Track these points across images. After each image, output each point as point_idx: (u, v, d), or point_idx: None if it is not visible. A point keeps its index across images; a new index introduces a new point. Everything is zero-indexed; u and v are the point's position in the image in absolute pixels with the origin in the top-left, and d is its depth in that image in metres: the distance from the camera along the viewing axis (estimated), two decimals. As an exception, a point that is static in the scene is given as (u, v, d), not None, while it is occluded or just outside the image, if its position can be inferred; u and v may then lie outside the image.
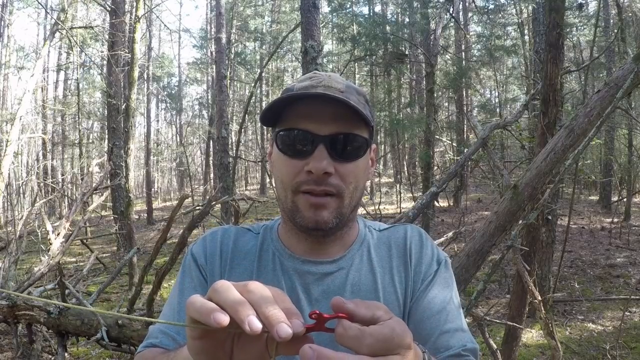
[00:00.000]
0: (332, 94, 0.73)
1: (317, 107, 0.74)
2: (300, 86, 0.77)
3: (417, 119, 10.36)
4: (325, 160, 0.72)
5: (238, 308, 0.44)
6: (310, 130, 0.74)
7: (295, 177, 0.75)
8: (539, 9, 7.76)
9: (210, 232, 0.89)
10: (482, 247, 2.28)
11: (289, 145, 0.76)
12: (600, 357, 4.07)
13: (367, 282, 0.81)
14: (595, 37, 5.02)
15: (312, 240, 0.81)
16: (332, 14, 13.70)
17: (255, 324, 0.42)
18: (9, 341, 3.85)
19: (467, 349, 0.76)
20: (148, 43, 20.91)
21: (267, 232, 0.89)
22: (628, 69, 2.37)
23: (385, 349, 0.45)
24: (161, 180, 30.56)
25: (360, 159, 0.78)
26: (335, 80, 0.79)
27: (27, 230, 4.60)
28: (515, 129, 4.43)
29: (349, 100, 0.73)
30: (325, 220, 0.75)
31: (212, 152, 18.40)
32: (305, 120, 0.75)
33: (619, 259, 7.34)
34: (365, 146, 0.78)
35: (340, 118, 0.74)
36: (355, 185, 0.78)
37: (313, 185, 0.74)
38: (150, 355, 0.72)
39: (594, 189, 15.78)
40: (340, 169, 0.75)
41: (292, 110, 0.76)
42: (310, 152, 0.73)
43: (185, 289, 0.81)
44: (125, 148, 8.47)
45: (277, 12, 21.23)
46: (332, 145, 0.74)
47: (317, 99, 0.74)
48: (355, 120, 0.76)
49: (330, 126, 0.74)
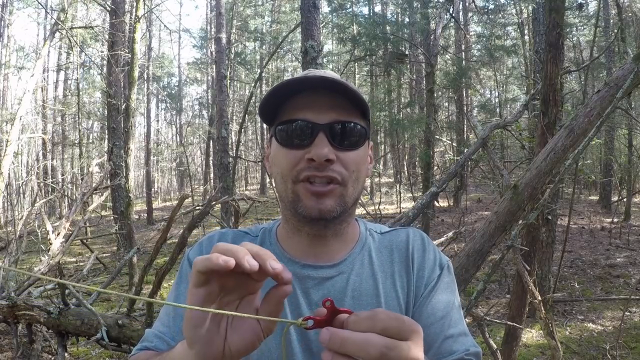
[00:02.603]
0: (332, 77, 0.74)
1: (315, 97, 0.75)
2: (293, 79, 0.77)
3: (417, 119, 10.37)
4: (327, 147, 0.72)
5: (236, 251, 0.49)
6: (310, 120, 0.74)
7: (296, 166, 0.74)
8: (539, 9, 7.77)
9: (206, 236, 0.88)
10: (482, 247, 2.28)
11: (289, 136, 0.75)
12: (600, 357, 4.07)
13: (368, 287, 0.80)
14: (595, 37, 5.02)
15: (313, 234, 0.80)
16: (332, 14, 13.69)
17: (252, 261, 0.48)
18: (9, 341, 3.85)
19: (471, 353, 0.76)
20: (148, 43, 20.93)
21: (265, 235, 0.88)
22: (628, 69, 2.37)
23: (398, 330, 0.46)
24: (161, 180, 30.57)
25: (360, 148, 0.77)
26: (331, 75, 0.80)
27: (27, 230, 4.59)
28: (515, 129, 4.43)
29: (347, 84, 0.73)
30: (329, 209, 0.74)
31: (212, 152, 18.40)
32: (304, 110, 0.75)
33: (619, 259, 7.34)
34: (364, 136, 0.78)
35: (338, 107, 0.75)
36: (357, 175, 0.77)
37: (314, 171, 0.73)
38: (145, 356, 0.72)
39: (594, 189, 15.79)
40: (342, 156, 0.74)
41: (290, 104, 0.76)
42: (311, 141, 0.73)
43: (182, 294, 0.80)
44: (125, 148, 8.47)
45: (277, 12, 21.23)
46: (332, 133, 0.74)
47: (314, 90, 0.75)
48: (353, 109, 0.76)
49: (329, 114, 0.74)
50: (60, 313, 2.82)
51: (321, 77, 0.74)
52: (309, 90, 0.75)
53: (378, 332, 0.46)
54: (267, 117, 0.81)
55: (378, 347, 0.45)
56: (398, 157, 17.87)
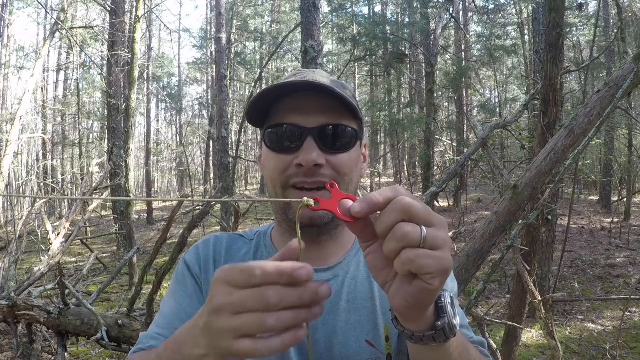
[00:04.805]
0: (319, 81, 0.73)
1: (303, 100, 0.74)
2: (280, 84, 0.76)
3: (417, 119, 10.37)
4: (315, 152, 0.71)
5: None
6: (298, 124, 0.73)
7: (285, 172, 0.74)
8: (539, 9, 7.77)
9: (202, 240, 0.88)
10: (482, 247, 2.28)
11: (277, 141, 0.75)
12: (600, 357, 4.07)
13: (364, 290, 0.80)
14: (595, 37, 5.02)
15: (307, 239, 0.80)
16: (332, 14, 13.70)
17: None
18: (9, 341, 3.85)
19: (474, 341, 0.76)
20: (148, 43, 20.92)
21: (260, 238, 0.87)
22: (628, 69, 2.37)
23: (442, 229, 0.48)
24: (161, 180, 30.53)
25: (351, 150, 0.76)
26: (320, 75, 0.79)
27: (27, 230, 4.59)
28: (515, 129, 4.42)
29: (335, 89, 0.72)
30: (321, 216, 0.74)
31: (212, 152, 18.40)
32: (292, 114, 0.74)
33: (619, 259, 7.34)
34: (355, 138, 0.77)
35: (327, 110, 0.74)
36: (350, 177, 0.76)
37: (303, 177, 0.72)
38: (145, 354, 0.71)
39: (594, 189, 15.78)
40: (332, 160, 0.73)
41: (278, 107, 0.76)
42: (299, 146, 0.72)
43: (179, 298, 0.80)
44: (125, 148, 8.47)
45: (277, 12, 21.23)
46: (322, 137, 0.73)
47: (303, 93, 0.74)
48: (343, 111, 0.75)
49: (318, 118, 0.73)
50: (60, 313, 2.82)
51: (307, 82, 0.72)
52: (298, 92, 0.74)
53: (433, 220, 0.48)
54: (257, 120, 0.80)
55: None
56: (398, 157, 17.87)
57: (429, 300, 0.50)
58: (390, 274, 0.51)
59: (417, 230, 0.45)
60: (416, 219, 0.46)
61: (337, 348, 0.75)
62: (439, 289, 0.48)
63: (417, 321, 0.54)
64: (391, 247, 0.47)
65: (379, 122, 10.86)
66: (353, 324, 0.77)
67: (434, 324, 0.55)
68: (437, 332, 0.54)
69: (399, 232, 0.46)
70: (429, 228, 0.46)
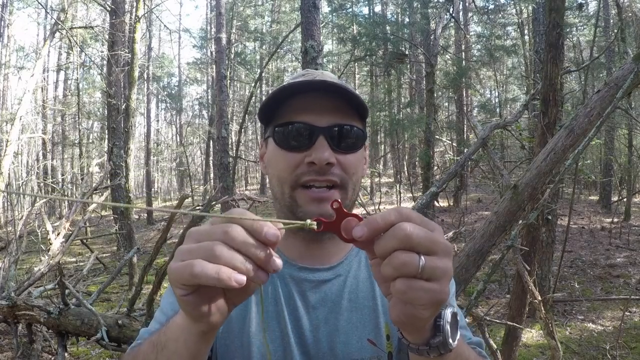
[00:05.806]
0: (333, 81, 0.74)
1: (314, 99, 0.74)
2: (295, 82, 0.77)
3: (417, 119, 10.37)
4: (327, 151, 0.72)
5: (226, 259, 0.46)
6: (309, 122, 0.73)
7: (295, 170, 0.74)
8: (539, 9, 7.77)
9: None
10: (482, 247, 2.28)
11: (287, 139, 0.75)
12: (600, 357, 4.07)
13: (365, 289, 0.80)
14: (595, 37, 5.02)
15: (310, 238, 0.80)
16: (332, 14, 13.70)
17: (239, 277, 0.45)
18: (9, 341, 3.85)
19: (472, 342, 0.77)
20: (148, 43, 20.92)
21: None
22: (628, 69, 2.37)
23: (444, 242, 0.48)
24: (161, 180, 30.54)
25: (359, 151, 0.78)
26: (329, 76, 0.80)
27: (27, 230, 4.59)
28: (515, 129, 4.42)
29: (351, 90, 0.74)
30: (330, 214, 0.74)
31: (212, 152, 18.41)
32: (303, 113, 0.74)
33: (619, 259, 7.34)
34: (362, 138, 0.78)
35: (338, 110, 0.75)
36: (357, 178, 0.77)
37: (315, 175, 0.73)
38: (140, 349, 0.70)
39: (594, 189, 15.79)
40: (341, 159, 0.74)
41: (288, 106, 0.76)
42: (311, 144, 0.73)
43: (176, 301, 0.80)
44: (125, 148, 8.47)
45: (277, 12, 21.24)
46: (332, 137, 0.73)
47: (314, 92, 0.74)
48: (352, 112, 0.76)
49: (329, 117, 0.74)
50: (60, 313, 2.82)
51: (322, 81, 0.74)
52: (307, 92, 0.75)
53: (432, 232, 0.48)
54: (262, 119, 0.81)
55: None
56: (398, 157, 17.86)
57: (421, 324, 0.52)
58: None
59: (414, 260, 0.45)
60: (417, 247, 0.45)
61: (340, 347, 0.75)
62: (430, 318, 0.50)
63: (413, 335, 0.55)
64: (387, 273, 0.47)
65: (379, 122, 10.85)
66: (355, 323, 0.77)
67: (429, 340, 0.55)
68: (431, 348, 0.55)
69: (396, 261, 0.45)
70: (429, 257, 0.46)
